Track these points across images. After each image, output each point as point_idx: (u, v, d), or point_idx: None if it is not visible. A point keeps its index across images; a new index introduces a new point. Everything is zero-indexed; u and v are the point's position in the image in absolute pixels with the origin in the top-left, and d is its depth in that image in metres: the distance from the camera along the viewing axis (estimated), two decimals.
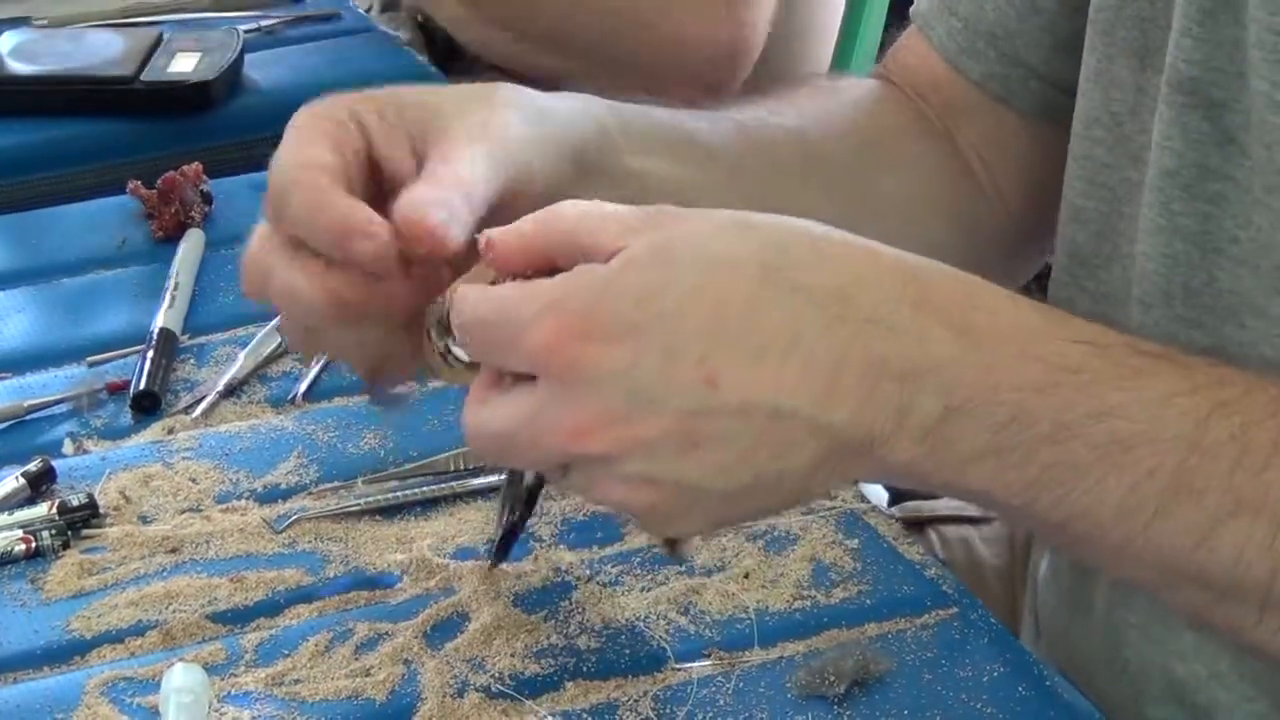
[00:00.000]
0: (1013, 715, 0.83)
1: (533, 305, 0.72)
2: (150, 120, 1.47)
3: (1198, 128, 0.89)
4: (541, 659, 0.87)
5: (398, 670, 0.87)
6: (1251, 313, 0.89)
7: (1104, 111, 0.96)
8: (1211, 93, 0.88)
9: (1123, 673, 1.01)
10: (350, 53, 1.60)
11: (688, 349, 0.71)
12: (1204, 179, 0.89)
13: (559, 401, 0.72)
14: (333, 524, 0.98)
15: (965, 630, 0.89)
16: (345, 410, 1.08)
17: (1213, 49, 0.87)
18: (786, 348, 0.72)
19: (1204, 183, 0.89)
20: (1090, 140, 0.97)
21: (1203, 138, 0.89)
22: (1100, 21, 0.96)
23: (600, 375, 0.71)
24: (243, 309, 1.18)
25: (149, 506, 0.99)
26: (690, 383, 0.71)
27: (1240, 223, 0.88)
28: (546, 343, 0.71)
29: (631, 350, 0.71)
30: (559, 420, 0.72)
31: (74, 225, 1.32)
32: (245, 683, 0.86)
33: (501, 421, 0.75)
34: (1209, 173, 0.89)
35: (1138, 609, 0.99)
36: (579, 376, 0.71)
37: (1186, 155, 0.89)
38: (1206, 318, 0.90)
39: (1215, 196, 0.89)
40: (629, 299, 0.72)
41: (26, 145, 1.45)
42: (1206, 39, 0.87)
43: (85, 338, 1.16)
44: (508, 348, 0.73)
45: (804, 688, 0.85)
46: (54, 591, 0.93)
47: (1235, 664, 0.95)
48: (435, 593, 0.92)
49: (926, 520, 1.25)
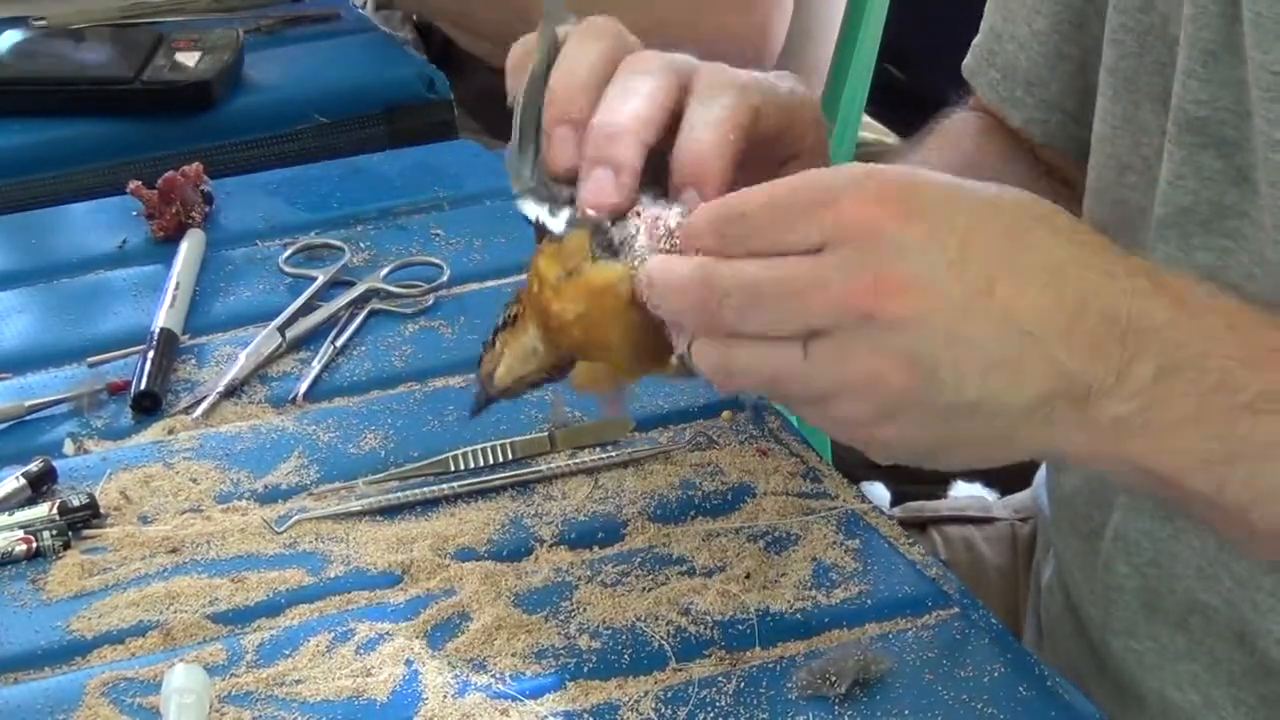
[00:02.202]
0: (1014, 716, 0.83)
1: (842, 177, 0.76)
2: (150, 120, 1.47)
3: (1210, 166, 0.89)
4: (542, 659, 0.87)
5: (399, 670, 0.87)
6: None
7: (1135, 157, 0.96)
8: (1223, 131, 0.88)
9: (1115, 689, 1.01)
10: (350, 53, 1.60)
11: (978, 249, 0.75)
12: (1221, 216, 0.90)
13: (859, 261, 0.74)
14: (333, 524, 0.98)
15: (966, 630, 0.89)
16: (345, 410, 1.08)
17: (1218, 89, 0.87)
18: (1048, 279, 0.75)
19: (1221, 219, 0.90)
20: (1125, 186, 0.97)
21: (1216, 175, 0.89)
22: (1122, 70, 0.96)
23: (908, 244, 0.74)
24: (243, 309, 1.18)
25: (150, 507, 0.99)
26: (975, 279, 0.74)
27: (1256, 259, 0.89)
28: (863, 207, 0.74)
29: (933, 232, 0.75)
30: (856, 277, 0.74)
31: (75, 225, 1.32)
32: (246, 683, 0.86)
33: (771, 274, 0.76)
34: (1226, 210, 0.89)
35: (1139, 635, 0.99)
36: (885, 240, 0.74)
37: (1201, 194, 0.90)
38: None
39: (1233, 232, 0.89)
40: (936, 189, 0.77)
41: (26, 145, 1.45)
42: (1210, 79, 0.88)
43: (86, 338, 1.16)
44: (807, 218, 0.75)
45: (805, 688, 0.85)
46: (55, 592, 0.93)
47: (1231, 693, 0.95)
48: (436, 593, 0.92)
49: (928, 520, 1.25)
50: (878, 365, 0.75)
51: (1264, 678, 0.94)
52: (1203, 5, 0.88)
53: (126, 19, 1.61)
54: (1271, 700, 0.94)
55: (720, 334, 0.78)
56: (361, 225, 1.29)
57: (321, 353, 1.13)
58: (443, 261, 1.21)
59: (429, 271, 1.21)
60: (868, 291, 0.74)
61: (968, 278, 0.74)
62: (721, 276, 0.77)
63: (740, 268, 0.76)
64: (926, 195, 0.76)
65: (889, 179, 0.76)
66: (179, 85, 1.47)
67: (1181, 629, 0.97)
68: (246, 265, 1.24)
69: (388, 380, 1.11)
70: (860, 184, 0.75)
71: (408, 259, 1.22)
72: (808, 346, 0.75)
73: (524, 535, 0.96)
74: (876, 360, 0.75)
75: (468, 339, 1.14)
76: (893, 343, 0.74)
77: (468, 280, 1.21)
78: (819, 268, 0.75)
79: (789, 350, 0.76)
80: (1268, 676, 0.94)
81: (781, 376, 0.77)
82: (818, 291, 0.75)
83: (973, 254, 0.75)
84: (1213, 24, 0.87)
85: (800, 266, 0.75)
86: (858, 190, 0.75)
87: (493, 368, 0.88)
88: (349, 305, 1.17)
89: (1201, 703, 0.96)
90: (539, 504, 0.98)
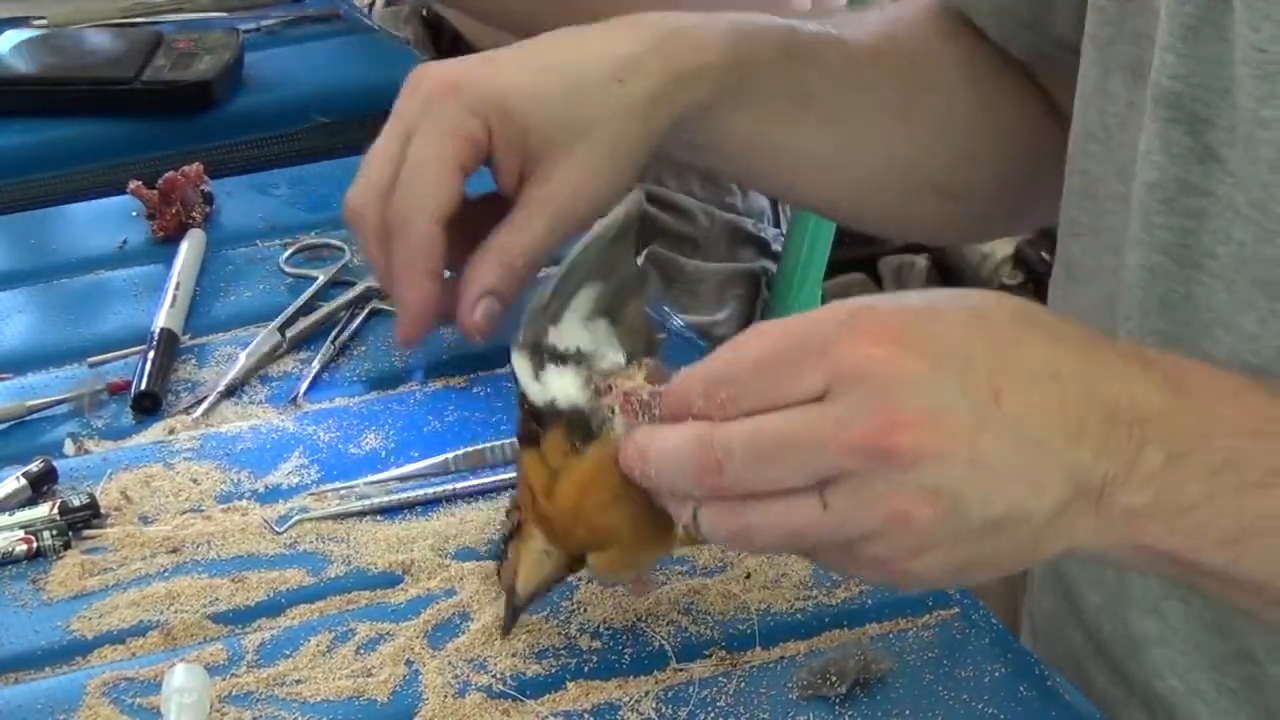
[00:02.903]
0: (1014, 715, 0.83)
1: (833, 321, 0.75)
2: (150, 120, 1.46)
3: (1180, 142, 0.89)
4: (543, 659, 0.87)
5: (399, 670, 0.87)
6: (1225, 328, 0.89)
7: (1098, 126, 0.97)
8: (1195, 108, 0.88)
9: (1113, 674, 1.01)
10: (350, 52, 1.60)
11: (979, 362, 0.74)
12: (1184, 193, 0.90)
13: (867, 403, 0.73)
14: (334, 524, 0.98)
15: (967, 630, 0.89)
16: (346, 410, 1.08)
17: (1196, 64, 0.87)
18: (1048, 380, 0.75)
19: (1184, 197, 0.90)
20: (1085, 155, 0.98)
21: (1184, 153, 0.89)
22: (1099, 38, 0.96)
23: (908, 378, 0.73)
24: (243, 309, 1.18)
25: (150, 507, 0.99)
26: (982, 395, 0.74)
27: (1219, 238, 0.89)
28: (860, 349, 0.73)
29: (933, 361, 0.74)
30: (868, 418, 0.72)
31: (75, 225, 1.32)
32: (247, 683, 0.86)
33: (776, 427, 0.74)
34: (1189, 188, 0.89)
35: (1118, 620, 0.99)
36: (891, 379, 0.73)
37: (1168, 169, 0.90)
38: (1182, 331, 0.91)
39: (1195, 211, 0.89)
40: (925, 315, 0.75)
41: (27, 145, 1.45)
42: (1189, 55, 0.87)
43: (86, 338, 1.16)
44: (800, 371, 0.74)
45: (806, 688, 0.85)
46: (55, 592, 0.93)
47: (1213, 679, 0.95)
48: (436, 593, 0.92)
49: None
50: (902, 504, 0.73)
51: (1244, 662, 0.94)
52: None
53: (126, 19, 1.61)
54: (1256, 682, 0.94)
55: (727, 497, 0.76)
56: None
57: (322, 353, 1.13)
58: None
59: None
60: (884, 432, 0.72)
61: (975, 397, 0.74)
62: (721, 439, 0.75)
63: (740, 427, 0.75)
64: (918, 327, 0.75)
65: (878, 317, 0.75)
66: (179, 85, 1.47)
67: (1154, 614, 0.97)
68: (247, 265, 1.24)
69: (388, 380, 1.11)
70: (850, 327, 0.74)
71: None
72: (825, 496, 0.74)
73: None
74: (900, 499, 0.73)
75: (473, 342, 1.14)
76: (913, 480, 0.73)
77: None
78: (827, 415, 0.73)
79: (806, 502, 0.74)
80: (1248, 661, 0.94)
81: (803, 531, 0.75)
82: (831, 438, 0.73)
83: (974, 370, 0.74)
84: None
85: (807, 415, 0.74)
86: (849, 334, 0.74)
87: (511, 580, 0.87)
88: (349, 305, 1.17)
89: (1184, 689, 0.96)
90: None
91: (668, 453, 0.76)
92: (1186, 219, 0.90)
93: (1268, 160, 0.85)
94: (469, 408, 1.07)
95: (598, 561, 0.84)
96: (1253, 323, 0.88)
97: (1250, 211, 0.87)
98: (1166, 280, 0.91)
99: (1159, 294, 0.92)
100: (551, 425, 0.82)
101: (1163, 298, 0.91)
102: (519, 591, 0.87)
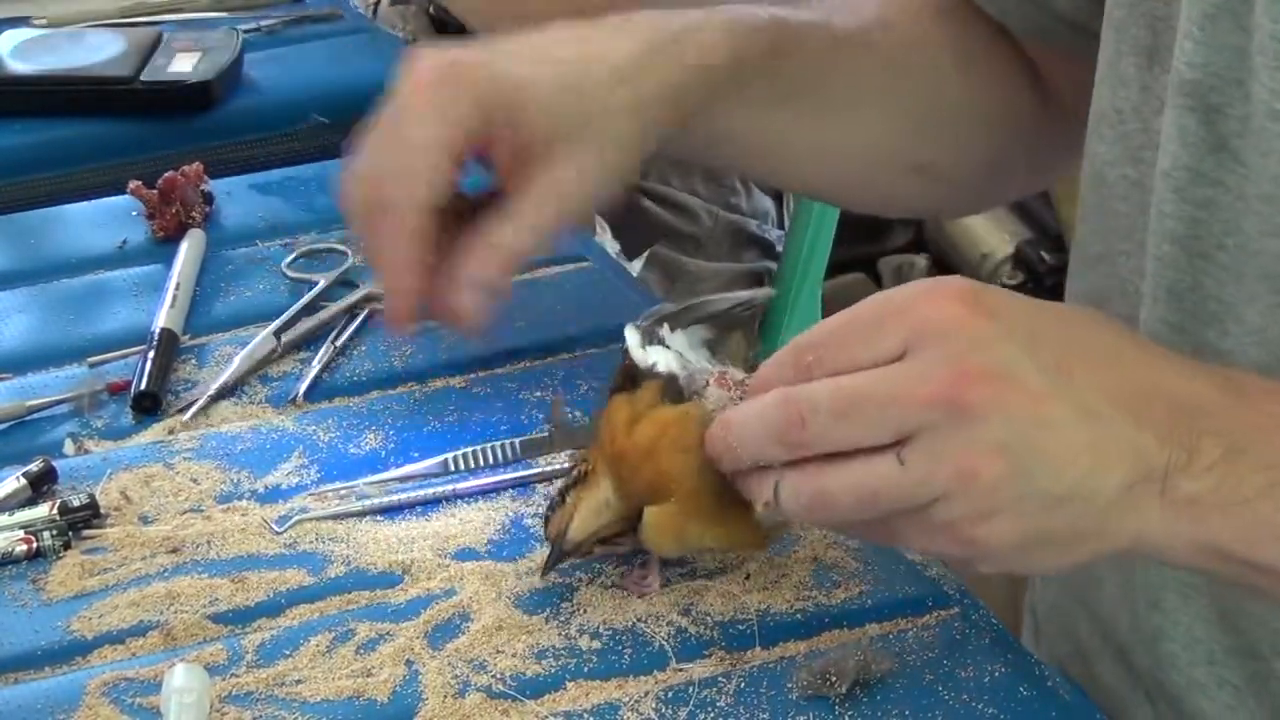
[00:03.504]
0: (1014, 716, 0.83)
1: (908, 290, 0.79)
2: (150, 120, 1.47)
3: (1194, 131, 0.89)
4: (543, 659, 0.87)
5: (399, 671, 0.87)
6: (1234, 319, 0.89)
7: (1110, 108, 0.96)
8: (1209, 97, 0.88)
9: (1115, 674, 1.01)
10: (350, 52, 1.60)
11: (1049, 341, 0.78)
12: (1195, 183, 0.90)
13: (941, 357, 0.76)
14: (334, 524, 0.98)
15: (967, 630, 0.89)
16: (346, 410, 1.08)
17: (1213, 53, 0.87)
18: (1114, 363, 0.79)
19: (1194, 187, 0.90)
20: (1097, 137, 0.98)
21: (1198, 142, 0.89)
22: (1115, 19, 0.96)
23: (981, 336, 0.77)
24: (243, 309, 1.18)
25: (150, 507, 0.99)
26: (1050, 365, 0.77)
27: (1229, 229, 0.89)
28: (940, 307, 0.77)
29: (1006, 326, 0.78)
30: (941, 370, 0.76)
31: (75, 225, 1.32)
32: (247, 683, 0.86)
33: (856, 383, 0.77)
34: (1200, 177, 0.89)
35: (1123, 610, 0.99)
36: (965, 335, 0.77)
37: (1180, 157, 0.90)
38: (1188, 322, 0.91)
39: (1205, 201, 0.89)
40: (999, 293, 0.80)
41: (26, 145, 1.45)
42: (1207, 43, 0.87)
43: (86, 338, 1.16)
44: (882, 329, 0.78)
45: (806, 688, 0.85)
46: (55, 592, 0.93)
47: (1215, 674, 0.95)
48: (436, 593, 0.92)
49: None
50: (971, 460, 0.76)
51: (1248, 658, 0.94)
52: None
53: (126, 19, 1.61)
54: (1261, 678, 0.94)
55: (809, 455, 0.79)
56: None
57: (321, 353, 1.13)
58: None
59: None
60: (954, 383, 0.76)
61: (1043, 363, 0.77)
62: (805, 395, 0.78)
63: (823, 384, 0.78)
64: (993, 298, 0.79)
65: (956, 284, 0.79)
66: (179, 85, 1.47)
67: (1155, 609, 0.97)
68: (247, 265, 1.24)
69: (388, 380, 1.11)
70: (930, 291, 0.79)
71: None
72: (901, 454, 0.77)
73: (524, 535, 0.96)
74: (969, 456, 0.76)
75: (468, 339, 1.14)
76: (982, 435, 0.76)
77: None
78: (905, 369, 0.77)
79: (884, 461, 0.77)
80: (1252, 657, 0.94)
81: (880, 491, 0.78)
82: (908, 392, 0.76)
83: (1044, 344, 0.78)
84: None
85: (887, 372, 0.77)
86: (929, 296, 0.78)
87: (564, 524, 0.89)
88: (349, 308, 1.17)
89: (1185, 683, 0.96)
90: (539, 504, 0.98)
91: (752, 416, 0.80)
92: (1197, 209, 0.90)
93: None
94: (469, 408, 1.07)
95: (652, 518, 0.87)
96: (1258, 315, 0.88)
97: (1259, 205, 0.87)
98: (1174, 270, 0.91)
99: (1167, 284, 0.92)
100: (647, 382, 0.87)
101: (1170, 287, 0.91)
102: (569, 535, 0.89)
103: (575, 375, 1.10)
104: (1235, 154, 0.88)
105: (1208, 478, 0.78)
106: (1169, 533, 0.79)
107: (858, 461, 0.77)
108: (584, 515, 0.88)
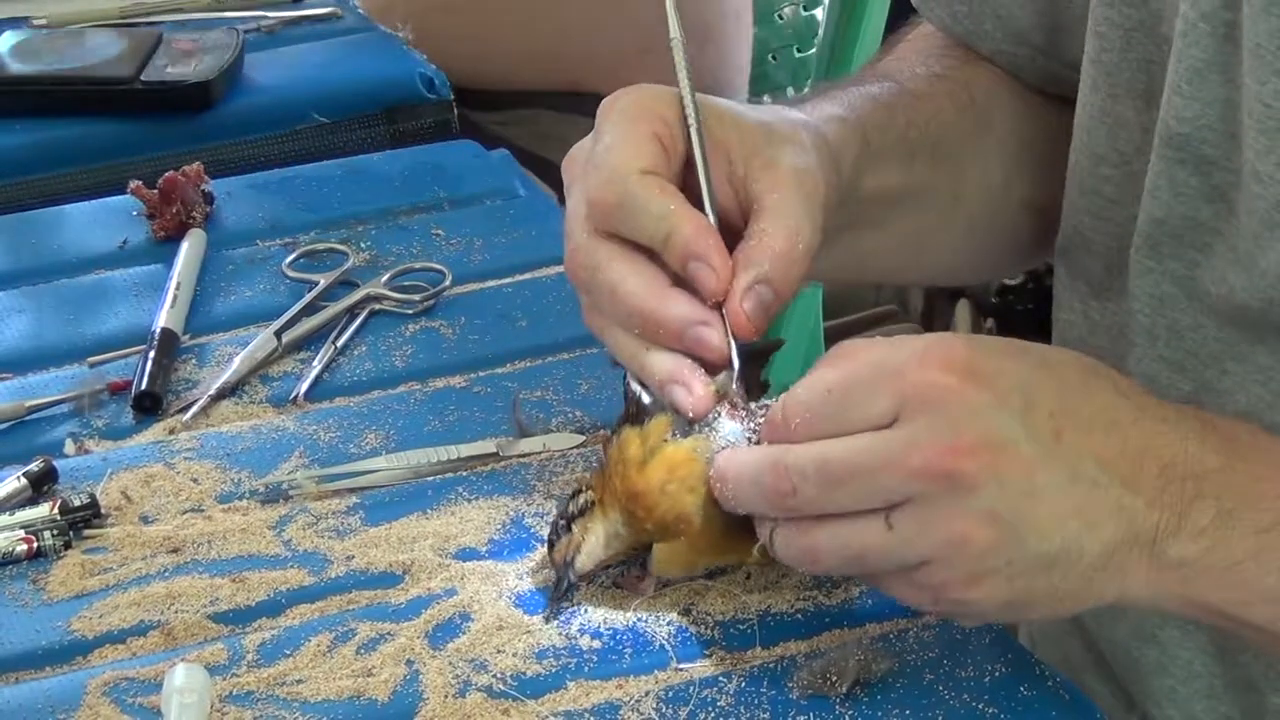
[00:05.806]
0: (1014, 716, 0.83)
1: (902, 351, 0.78)
2: (150, 120, 1.47)
3: (1186, 183, 0.89)
4: (543, 659, 0.87)
5: (400, 670, 0.87)
6: (1234, 359, 0.89)
7: (1111, 150, 0.96)
8: (1203, 150, 0.88)
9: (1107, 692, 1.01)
10: (350, 53, 1.60)
11: (1042, 402, 0.77)
12: (1193, 230, 0.90)
13: (934, 427, 0.76)
14: (334, 524, 0.98)
15: (967, 630, 0.89)
16: (346, 410, 1.08)
17: (1203, 108, 0.88)
18: (1108, 427, 0.78)
19: (1193, 233, 0.90)
20: (1099, 178, 0.97)
21: (1191, 192, 0.89)
22: (1104, 63, 0.96)
23: (974, 407, 0.76)
24: (244, 309, 1.18)
25: (151, 507, 0.99)
26: (1043, 430, 0.77)
27: (1215, 278, 0.89)
28: (930, 375, 0.76)
29: (999, 394, 0.77)
30: (933, 442, 0.75)
31: (75, 225, 1.32)
32: (247, 683, 0.86)
33: (846, 453, 0.77)
34: (1198, 225, 0.90)
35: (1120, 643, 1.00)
36: (958, 406, 0.76)
37: (1174, 208, 0.90)
38: (1189, 361, 0.91)
39: (1204, 247, 0.90)
40: (996, 354, 0.79)
41: (27, 145, 1.45)
42: (1195, 98, 0.88)
43: (86, 338, 1.16)
44: (874, 394, 0.77)
45: (806, 688, 0.85)
46: (56, 592, 0.93)
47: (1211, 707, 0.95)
48: (436, 593, 0.92)
49: None
50: (962, 527, 0.76)
51: (1244, 691, 0.94)
52: (1193, 22, 0.87)
53: (126, 19, 1.61)
54: (1256, 713, 0.94)
55: (799, 516, 0.79)
56: (362, 225, 1.29)
57: (322, 353, 1.13)
58: (444, 267, 1.20)
59: (430, 275, 1.21)
60: (946, 454, 0.75)
61: (1036, 431, 0.76)
62: (794, 462, 0.78)
63: (811, 448, 0.78)
64: (987, 363, 0.78)
65: (950, 348, 0.78)
66: (179, 85, 1.47)
67: (1152, 642, 0.97)
68: (247, 265, 1.24)
69: (388, 380, 1.11)
70: (924, 356, 0.77)
71: (409, 265, 1.22)
72: (890, 518, 0.77)
73: (524, 535, 0.96)
74: (961, 523, 0.76)
75: (468, 339, 1.14)
76: (974, 503, 0.76)
77: (468, 280, 1.21)
78: (895, 438, 0.76)
79: (872, 524, 0.77)
80: (1249, 690, 0.94)
81: (868, 552, 0.78)
82: (899, 462, 0.76)
83: (1037, 409, 0.77)
84: (1202, 42, 0.87)
85: (876, 441, 0.77)
86: (920, 363, 0.77)
87: (571, 554, 0.89)
88: (350, 308, 1.17)
89: (1180, 717, 0.97)
90: (539, 504, 0.98)
91: (744, 475, 0.80)
92: (1197, 253, 0.90)
93: (1260, 214, 0.85)
94: (469, 408, 1.07)
95: (662, 554, 0.87)
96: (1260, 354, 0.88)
97: (1242, 259, 0.87)
98: (1175, 310, 0.92)
99: (1167, 323, 0.92)
100: (657, 414, 0.87)
101: (1171, 326, 0.92)
102: (578, 567, 0.89)
103: (575, 375, 1.10)
104: (1231, 205, 0.88)
105: (1199, 541, 0.78)
106: (1156, 593, 0.79)
107: (846, 523, 0.78)
108: (592, 546, 0.89)
